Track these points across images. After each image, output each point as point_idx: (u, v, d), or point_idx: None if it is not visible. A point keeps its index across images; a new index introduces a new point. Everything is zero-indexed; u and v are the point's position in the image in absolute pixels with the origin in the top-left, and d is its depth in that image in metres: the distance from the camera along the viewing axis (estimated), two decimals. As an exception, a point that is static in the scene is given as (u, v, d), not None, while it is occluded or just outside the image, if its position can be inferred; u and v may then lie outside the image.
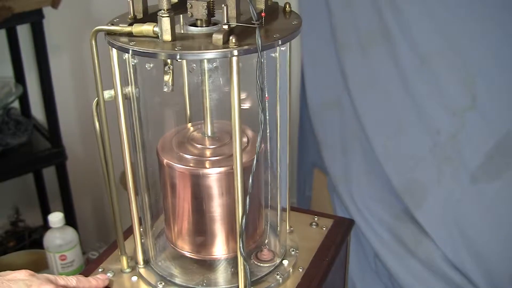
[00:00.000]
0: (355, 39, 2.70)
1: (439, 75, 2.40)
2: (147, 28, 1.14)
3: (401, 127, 2.57)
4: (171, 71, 1.17)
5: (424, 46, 2.42)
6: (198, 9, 1.18)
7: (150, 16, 1.21)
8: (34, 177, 2.88)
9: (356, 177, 2.81)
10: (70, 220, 2.69)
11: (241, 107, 1.14)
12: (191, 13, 1.18)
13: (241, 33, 1.12)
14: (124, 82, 1.26)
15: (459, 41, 2.34)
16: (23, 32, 2.60)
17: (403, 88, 2.52)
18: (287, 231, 1.54)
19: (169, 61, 1.17)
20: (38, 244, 2.60)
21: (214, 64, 1.28)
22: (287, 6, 1.30)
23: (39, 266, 2.21)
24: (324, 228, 1.57)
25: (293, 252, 1.47)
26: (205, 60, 1.28)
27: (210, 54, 1.09)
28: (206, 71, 1.31)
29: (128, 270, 1.43)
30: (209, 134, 1.38)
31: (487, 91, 2.30)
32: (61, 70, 2.73)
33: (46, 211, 2.86)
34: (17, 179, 2.72)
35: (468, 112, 2.35)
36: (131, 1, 1.20)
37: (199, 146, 1.36)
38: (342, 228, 1.59)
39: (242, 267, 1.27)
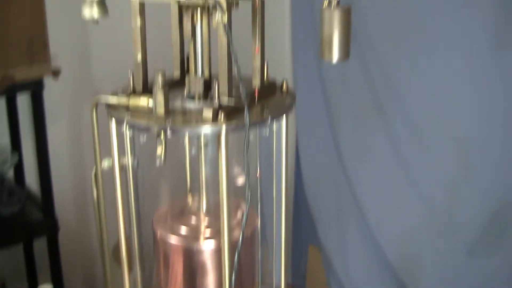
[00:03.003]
0: (349, 112, 2.73)
1: (432, 147, 2.42)
2: (143, 101, 1.16)
3: (396, 201, 2.57)
4: (163, 144, 1.18)
5: (416, 119, 2.45)
6: (195, 85, 1.22)
7: (150, 90, 1.23)
8: (23, 248, 2.85)
9: (351, 252, 2.80)
10: (59, 295, 2.64)
11: (237, 182, 1.14)
12: (189, 88, 1.22)
13: (234, 109, 1.14)
14: (122, 153, 1.27)
15: (451, 114, 2.36)
16: (22, 100, 2.62)
17: (397, 161, 2.54)
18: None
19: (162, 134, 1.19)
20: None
21: (206, 139, 1.30)
22: (285, 84, 1.33)
23: None
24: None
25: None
26: (196, 135, 1.30)
27: (199, 130, 1.13)
28: (199, 146, 1.32)
29: None
30: (204, 208, 1.38)
31: (480, 162, 2.31)
32: (58, 139, 2.74)
33: (34, 285, 2.81)
34: (5, 250, 2.69)
35: (462, 184, 2.36)
36: (131, 74, 1.23)
37: (194, 220, 1.36)
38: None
39: None
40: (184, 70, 1.34)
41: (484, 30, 2.24)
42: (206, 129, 1.12)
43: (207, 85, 1.24)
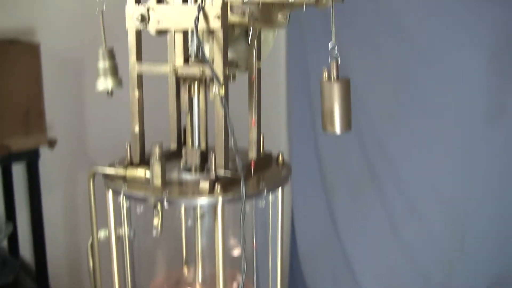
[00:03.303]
0: (345, 183, 2.74)
1: (427, 220, 2.42)
2: (139, 172, 1.18)
3: (392, 273, 2.56)
4: (160, 215, 1.19)
5: (412, 191, 2.45)
6: (192, 157, 1.23)
7: (147, 161, 1.24)
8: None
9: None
10: None
11: (233, 253, 1.14)
12: (185, 160, 1.23)
13: (230, 180, 1.15)
14: (119, 223, 1.27)
15: (447, 187, 2.37)
16: (17, 169, 2.63)
17: (393, 234, 2.53)
18: None
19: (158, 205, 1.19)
20: None
21: (202, 211, 1.30)
22: (280, 157, 1.34)
23: None
24: None
25: None
26: (193, 207, 1.30)
27: (196, 201, 1.14)
28: (195, 217, 1.32)
29: None
30: (200, 279, 1.38)
31: (476, 235, 2.31)
32: (53, 209, 2.73)
33: None
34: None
35: (458, 256, 2.35)
36: (128, 146, 1.24)
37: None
38: None
39: None
40: (181, 141, 1.36)
41: (478, 103, 2.28)
42: (203, 201, 1.13)
43: (204, 157, 1.26)
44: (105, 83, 1.26)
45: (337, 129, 1.14)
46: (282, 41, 3.30)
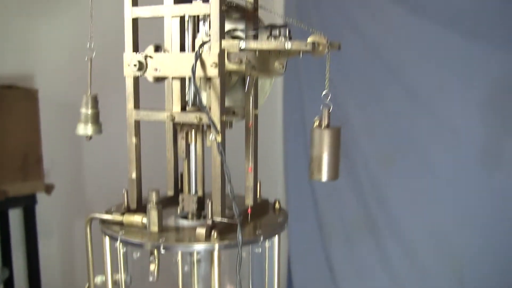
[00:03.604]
0: (341, 228, 2.74)
1: (425, 265, 2.41)
2: (136, 219, 1.19)
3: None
4: (156, 261, 1.19)
5: (409, 237, 2.45)
6: (189, 203, 1.24)
7: (143, 207, 1.25)
8: None
9: None
10: None
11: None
12: (182, 207, 1.24)
13: (226, 227, 1.16)
14: (115, 269, 1.27)
15: (445, 232, 2.37)
16: (14, 214, 2.62)
17: (390, 279, 2.52)
18: None
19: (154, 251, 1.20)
20: None
21: (198, 257, 1.31)
22: (277, 203, 1.35)
23: None
24: None
25: None
26: (189, 253, 1.31)
27: (192, 248, 1.14)
28: (190, 263, 1.33)
29: None
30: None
31: (475, 281, 2.30)
32: (50, 254, 2.72)
33: None
34: None
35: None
36: (125, 192, 1.25)
37: None
38: None
39: None
40: (178, 187, 1.37)
41: (474, 148, 2.29)
42: (199, 247, 1.14)
43: (200, 203, 1.27)
44: (85, 129, 1.28)
45: (324, 176, 1.14)
46: (279, 88, 3.33)
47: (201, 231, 1.14)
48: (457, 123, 2.35)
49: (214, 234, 1.13)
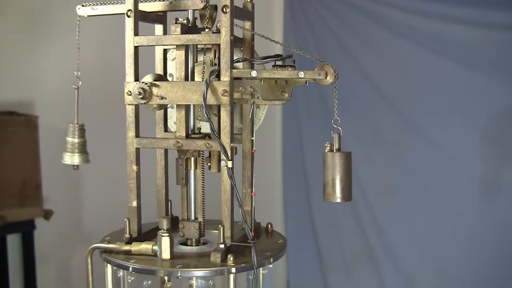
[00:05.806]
0: (340, 259, 2.73)
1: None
2: (145, 246, 1.18)
3: None
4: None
5: (408, 267, 2.45)
6: (190, 230, 1.24)
7: (144, 235, 1.26)
8: None
9: None
10: None
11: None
12: (183, 233, 1.24)
13: (235, 251, 1.18)
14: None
15: (443, 262, 2.37)
16: (12, 239, 2.61)
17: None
18: None
19: (166, 278, 1.20)
20: None
21: (210, 281, 1.31)
22: (269, 226, 1.38)
23: None
24: None
25: None
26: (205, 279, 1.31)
27: (210, 272, 1.14)
28: None
29: None
30: None
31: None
32: (47, 280, 2.70)
33: None
34: None
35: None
36: (127, 221, 1.24)
37: None
38: None
39: None
40: (169, 214, 1.37)
41: (473, 179, 2.30)
42: (216, 272, 1.15)
43: (200, 230, 1.27)
44: (71, 159, 1.28)
45: (338, 198, 1.17)
46: (278, 118, 3.32)
47: (216, 255, 1.14)
48: (456, 153, 2.37)
49: (231, 258, 1.14)
